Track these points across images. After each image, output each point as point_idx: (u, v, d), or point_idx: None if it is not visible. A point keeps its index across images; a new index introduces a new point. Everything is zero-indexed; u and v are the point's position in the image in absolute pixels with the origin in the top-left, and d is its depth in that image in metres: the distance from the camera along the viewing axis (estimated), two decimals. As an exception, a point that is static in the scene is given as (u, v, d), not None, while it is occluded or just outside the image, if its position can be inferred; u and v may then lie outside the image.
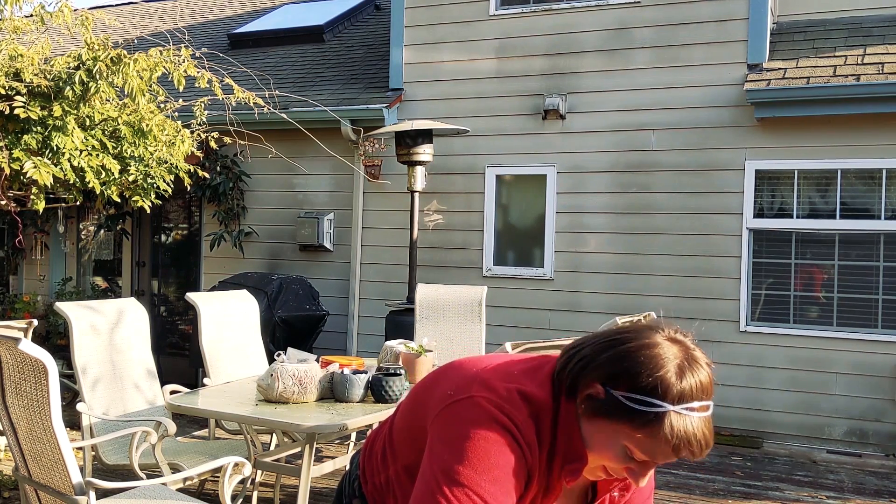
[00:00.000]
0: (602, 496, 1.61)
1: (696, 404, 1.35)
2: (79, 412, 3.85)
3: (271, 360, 4.45)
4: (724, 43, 6.56)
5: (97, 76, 4.64)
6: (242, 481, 3.88)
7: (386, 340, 5.06)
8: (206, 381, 4.49)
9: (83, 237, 9.44)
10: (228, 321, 4.86)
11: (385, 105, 7.42)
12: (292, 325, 6.93)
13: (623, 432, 1.38)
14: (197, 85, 5.17)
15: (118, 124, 5.10)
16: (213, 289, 7.19)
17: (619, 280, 6.86)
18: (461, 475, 1.38)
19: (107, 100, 5.11)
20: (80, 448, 3.93)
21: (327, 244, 7.84)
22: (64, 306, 4.04)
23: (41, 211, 5.08)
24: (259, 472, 4.30)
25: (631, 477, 1.43)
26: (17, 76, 4.73)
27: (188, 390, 4.15)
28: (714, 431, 1.40)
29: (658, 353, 1.36)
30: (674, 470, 5.54)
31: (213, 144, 5.85)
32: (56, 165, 4.66)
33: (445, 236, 7.49)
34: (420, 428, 1.55)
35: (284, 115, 6.40)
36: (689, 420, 1.34)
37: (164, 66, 4.94)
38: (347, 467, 1.89)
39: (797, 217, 6.38)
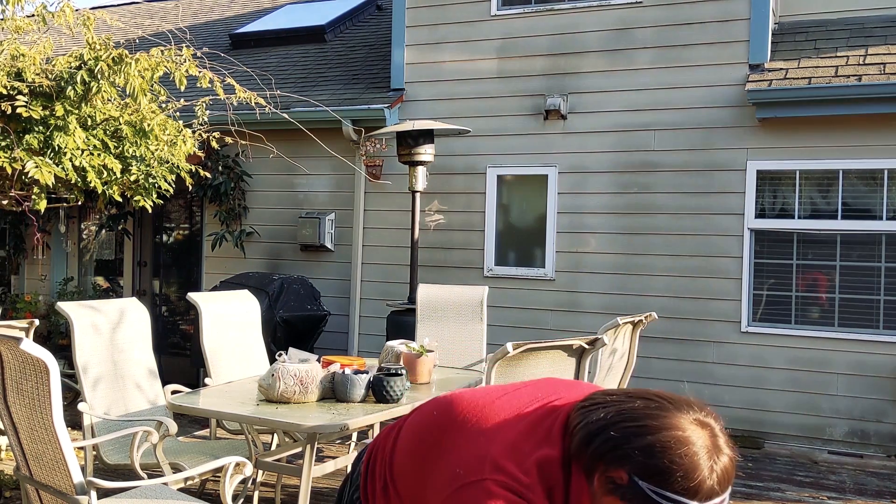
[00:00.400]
0: None
1: (718, 499, 1.34)
2: (80, 412, 3.85)
3: (272, 360, 4.45)
4: (725, 43, 6.55)
5: (99, 76, 4.65)
6: (243, 481, 3.88)
7: (387, 340, 5.05)
8: (207, 380, 4.49)
9: (85, 237, 9.45)
10: (230, 321, 4.87)
11: (386, 105, 7.42)
12: (293, 325, 6.93)
13: None
14: (198, 85, 5.17)
15: (120, 124, 5.10)
16: (215, 289, 7.20)
17: (621, 280, 6.86)
18: None
19: (108, 99, 5.11)
20: (81, 448, 3.93)
21: (328, 244, 7.84)
22: (65, 306, 4.04)
23: (43, 211, 5.08)
24: (260, 472, 4.31)
25: None
26: (18, 76, 4.74)
27: (189, 390, 4.15)
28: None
29: (692, 452, 1.32)
30: (675, 470, 5.52)
31: (214, 144, 5.85)
32: (58, 165, 4.66)
33: (446, 236, 7.49)
34: (424, 496, 1.52)
35: (286, 115, 6.40)
36: None
37: (165, 66, 4.94)
38: (349, 472, 1.87)
39: (798, 217, 6.38)
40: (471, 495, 1.40)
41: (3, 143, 4.61)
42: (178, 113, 5.78)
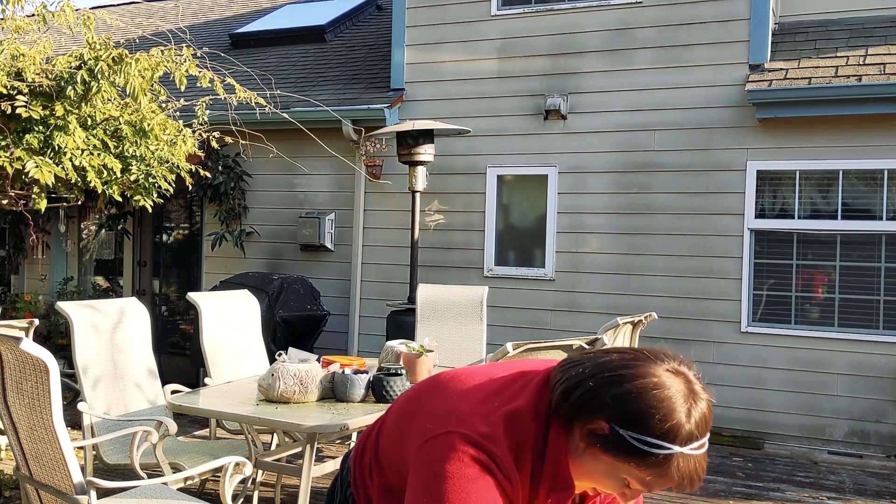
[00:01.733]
0: (591, 500, 1.62)
1: (698, 443, 1.37)
2: (80, 411, 3.85)
3: (272, 359, 4.45)
4: (725, 43, 6.55)
5: (99, 76, 4.65)
6: (243, 481, 3.88)
7: (387, 340, 5.06)
8: (207, 380, 4.49)
9: (84, 237, 9.44)
10: (229, 321, 4.86)
11: (386, 105, 7.42)
12: (293, 324, 6.92)
13: (625, 467, 1.39)
14: (198, 84, 5.17)
15: (120, 124, 5.10)
16: (215, 288, 7.19)
17: (621, 280, 6.85)
18: None
19: (108, 99, 5.11)
20: (80, 447, 3.94)
21: (328, 244, 7.84)
22: (65, 306, 4.04)
23: (43, 210, 5.08)
24: (260, 471, 4.31)
25: (622, 499, 1.46)
26: (18, 76, 4.73)
27: (189, 390, 4.15)
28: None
29: (667, 396, 1.36)
30: (675, 470, 5.53)
31: (214, 144, 5.85)
32: (58, 165, 4.66)
33: (446, 236, 7.49)
34: (402, 456, 1.56)
35: (286, 115, 6.40)
36: (693, 458, 1.36)
37: (165, 66, 4.94)
38: (339, 472, 1.88)
39: (798, 218, 6.38)
40: (435, 447, 1.44)
41: (3, 143, 4.61)
42: (178, 113, 5.78)
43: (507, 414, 1.46)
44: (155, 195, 5.45)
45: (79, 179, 4.87)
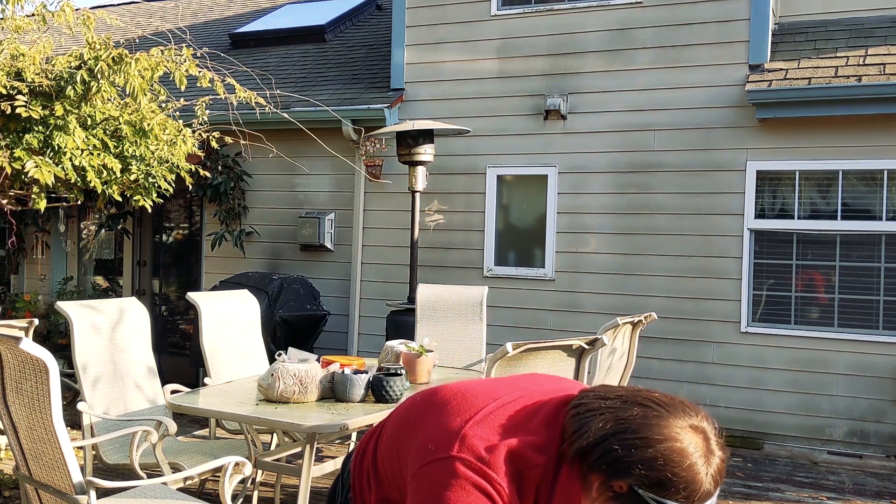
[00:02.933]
0: None
1: (713, 499, 1.40)
2: (79, 411, 3.85)
3: (272, 359, 4.45)
4: (725, 43, 6.55)
5: (99, 75, 4.65)
6: (243, 481, 3.88)
7: (387, 340, 5.06)
8: (206, 380, 4.49)
9: (84, 236, 9.44)
10: (229, 321, 4.86)
11: (386, 105, 7.42)
12: (293, 324, 6.92)
13: None
14: (198, 84, 5.17)
15: (119, 123, 5.10)
16: (214, 288, 7.19)
17: (620, 280, 6.85)
18: None
19: (108, 99, 5.11)
20: (80, 447, 3.94)
21: (328, 244, 7.84)
22: (65, 305, 4.04)
23: (42, 210, 5.08)
24: (259, 471, 4.30)
25: None
26: (18, 76, 4.73)
27: (189, 390, 4.15)
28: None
29: (692, 463, 1.37)
30: (674, 470, 5.52)
31: (214, 144, 5.85)
32: (57, 165, 4.66)
33: (446, 236, 7.49)
34: (401, 470, 1.55)
35: (286, 115, 6.40)
36: None
37: (165, 66, 4.94)
38: (339, 472, 1.88)
39: (798, 218, 6.38)
40: (437, 471, 1.43)
41: (3, 143, 4.60)
42: (177, 112, 5.78)
43: (512, 445, 1.45)
44: (155, 195, 5.44)
45: (78, 179, 4.87)
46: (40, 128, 4.68)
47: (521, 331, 7.00)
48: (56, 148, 4.66)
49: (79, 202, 5.67)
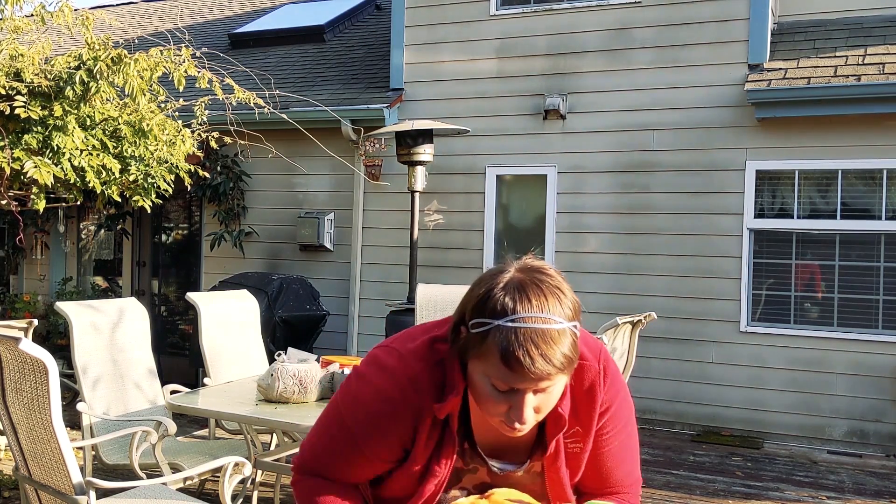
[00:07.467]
0: (550, 441, 1.57)
1: (519, 316, 1.36)
2: (79, 412, 3.84)
3: (271, 360, 4.45)
4: (724, 43, 6.55)
5: (98, 76, 4.64)
6: (242, 481, 3.88)
7: (386, 340, 5.05)
8: (206, 380, 4.48)
9: (83, 237, 9.44)
10: (229, 321, 4.86)
11: (385, 105, 7.42)
12: (293, 324, 6.92)
13: (478, 362, 1.42)
14: (197, 85, 5.17)
15: (119, 124, 5.10)
16: (214, 288, 7.19)
17: (620, 280, 6.85)
18: (348, 417, 1.55)
19: (107, 99, 5.11)
20: (80, 448, 3.93)
21: (327, 244, 7.84)
22: (64, 306, 4.03)
23: (41, 211, 5.08)
24: (259, 471, 4.30)
25: (513, 416, 1.43)
26: (17, 76, 4.73)
27: (188, 390, 4.15)
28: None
29: (495, 281, 1.41)
30: (674, 470, 5.54)
31: (213, 144, 5.84)
32: (56, 165, 4.66)
33: (446, 236, 7.49)
34: None
35: (285, 116, 6.40)
36: (514, 332, 1.35)
37: (164, 66, 4.94)
38: None
39: (798, 217, 6.38)
40: (371, 353, 1.61)
41: (2, 144, 4.60)
42: (177, 113, 5.78)
43: (432, 337, 1.56)
44: (154, 195, 5.44)
45: (77, 180, 4.87)
46: (39, 128, 4.68)
47: (520, 331, 6.98)
48: (55, 148, 4.66)
49: (78, 202, 5.66)
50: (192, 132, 5.62)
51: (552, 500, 1.63)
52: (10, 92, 4.59)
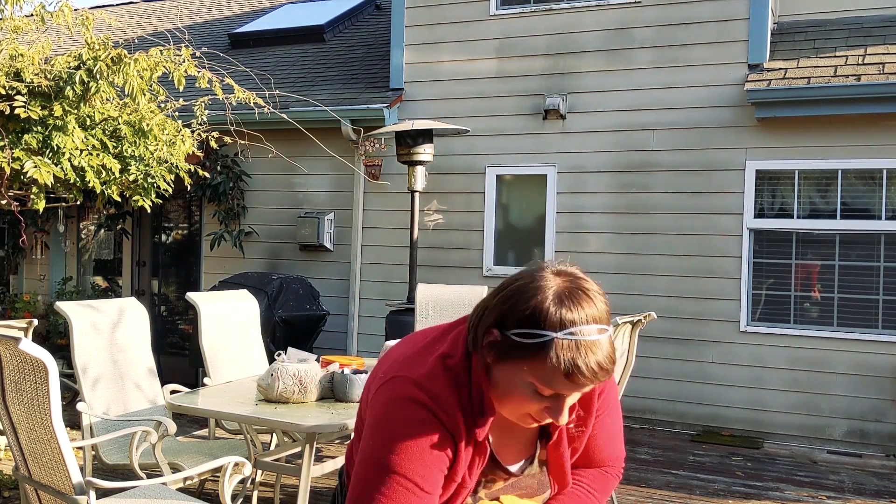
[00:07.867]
0: (554, 431, 1.59)
1: (578, 329, 1.36)
2: (79, 412, 3.84)
3: (271, 359, 4.45)
4: (724, 43, 6.55)
5: (98, 76, 4.64)
6: (242, 481, 3.88)
7: (386, 340, 5.06)
8: (206, 380, 4.48)
9: (83, 237, 9.44)
10: (229, 321, 4.86)
11: (385, 105, 7.42)
12: (292, 324, 6.92)
13: (522, 370, 1.41)
14: (197, 85, 5.17)
15: (118, 124, 5.10)
16: (214, 288, 7.19)
17: (620, 280, 6.85)
18: (392, 463, 1.45)
19: (107, 99, 5.11)
20: (80, 448, 3.93)
21: (327, 244, 7.84)
22: (64, 306, 4.03)
23: (41, 210, 5.08)
24: (259, 471, 4.30)
25: (550, 416, 1.45)
26: (17, 76, 4.73)
27: (188, 390, 4.15)
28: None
29: (538, 286, 1.40)
30: (674, 470, 5.54)
31: (213, 144, 5.84)
32: (56, 165, 4.66)
33: (446, 236, 7.49)
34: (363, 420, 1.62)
35: (285, 115, 6.40)
36: (574, 345, 1.36)
37: (164, 66, 4.94)
38: (340, 472, 1.89)
39: (797, 217, 6.38)
40: (381, 394, 1.52)
41: (2, 143, 4.60)
42: (177, 113, 5.78)
43: (444, 352, 1.52)
44: (154, 195, 5.44)
45: (77, 179, 4.87)
46: (39, 128, 4.68)
47: (520, 330, 6.98)
48: (55, 148, 4.66)
49: (78, 202, 5.67)
50: (192, 132, 5.61)
51: (553, 483, 1.66)
52: (10, 92, 4.59)
